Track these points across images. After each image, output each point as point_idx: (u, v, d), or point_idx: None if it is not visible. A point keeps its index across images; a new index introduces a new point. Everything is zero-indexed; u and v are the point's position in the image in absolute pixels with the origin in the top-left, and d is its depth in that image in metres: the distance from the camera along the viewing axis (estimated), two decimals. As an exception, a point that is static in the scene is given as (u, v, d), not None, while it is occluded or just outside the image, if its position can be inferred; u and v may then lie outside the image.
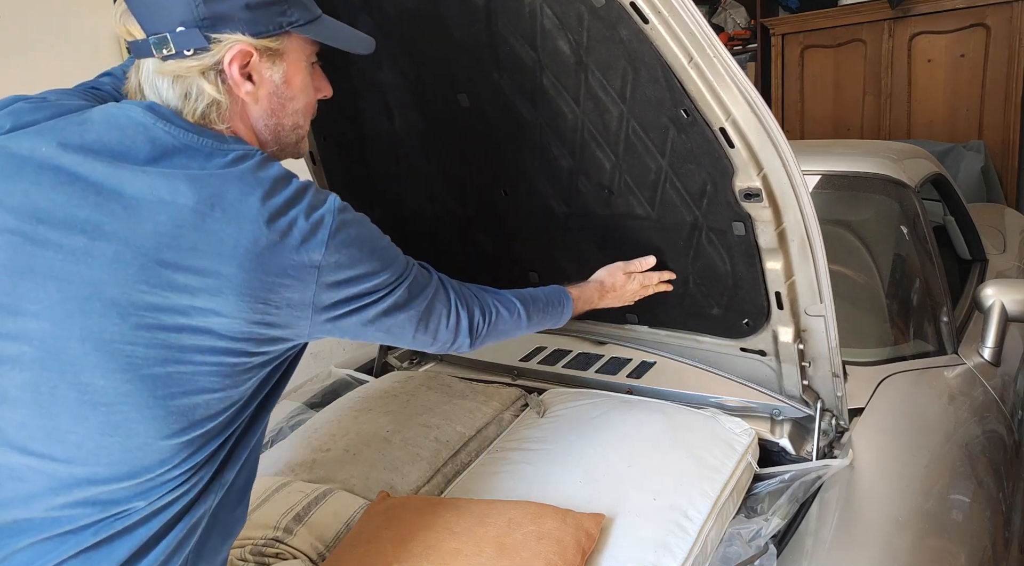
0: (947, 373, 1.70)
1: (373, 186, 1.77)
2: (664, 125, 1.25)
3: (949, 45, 3.83)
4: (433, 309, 1.05)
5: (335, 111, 1.65)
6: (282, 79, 0.96)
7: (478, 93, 1.43)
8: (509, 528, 1.21)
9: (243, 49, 0.90)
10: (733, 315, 1.47)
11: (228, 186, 0.86)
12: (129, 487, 0.87)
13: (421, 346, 1.09)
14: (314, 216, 0.89)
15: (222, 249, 0.83)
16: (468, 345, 1.13)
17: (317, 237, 0.88)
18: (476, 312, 1.13)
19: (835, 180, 2.03)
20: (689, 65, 1.12)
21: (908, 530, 1.26)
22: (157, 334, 0.84)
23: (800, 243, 1.25)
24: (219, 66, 0.90)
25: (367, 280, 0.94)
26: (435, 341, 1.08)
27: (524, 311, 1.22)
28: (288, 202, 0.88)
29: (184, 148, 0.88)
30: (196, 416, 0.88)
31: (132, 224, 0.83)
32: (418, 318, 1.03)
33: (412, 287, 1.01)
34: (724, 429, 1.47)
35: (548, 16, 1.23)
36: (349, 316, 0.94)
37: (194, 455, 0.90)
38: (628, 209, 1.44)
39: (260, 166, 0.90)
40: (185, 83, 0.91)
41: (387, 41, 1.44)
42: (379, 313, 0.97)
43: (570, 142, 1.40)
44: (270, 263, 0.85)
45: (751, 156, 1.18)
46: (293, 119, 1.00)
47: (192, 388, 0.86)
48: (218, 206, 0.84)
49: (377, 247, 0.97)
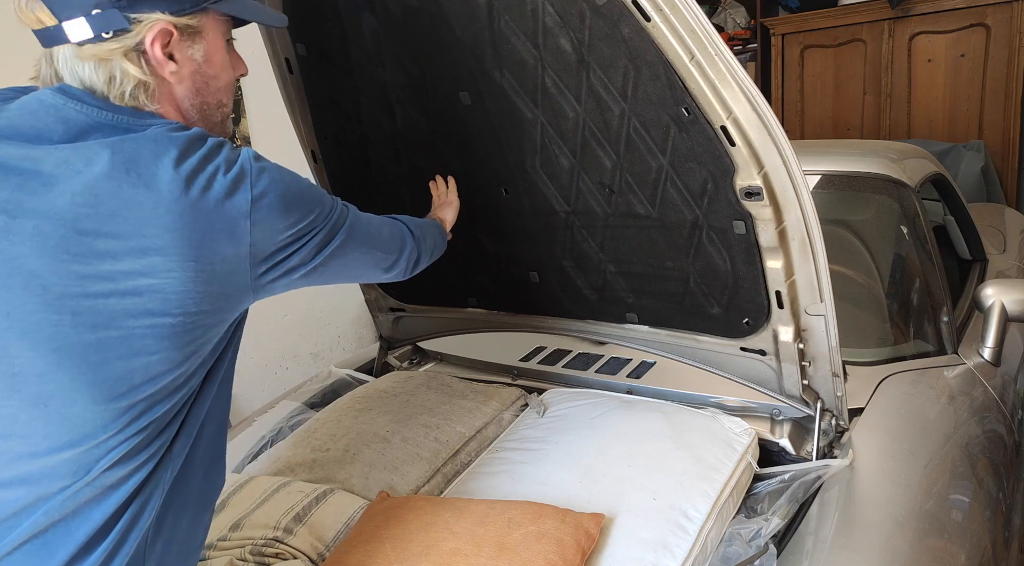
0: (947, 373, 1.70)
1: (374, 185, 1.77)
2: (665, 123, 1.25)
3: (949, 45, 3.83)
4: (371, 229, 1.11)
5: (337, 110, 1.65)
6: (203, 57, 0.96)
7: (480, 91, 1.44)
8: (509, 528, 1.21)
9: (163, 27, 0.89)
10: (733, 314, 1.47)
11: (142, 149, 0.86)
12: (71, 457, 0.86)
13: (383, 270, 1.17)
14: (233, 169, 0.89)
15: (141, 212, 0.83)
16: (412, 251, 1.23)
17: (241, 188, 0.88)
18: (400, 222, 1.23)
19: (835, 180, 2.03)
20: (691, 63, 1.12)
21: (908, 530, 1.26)
22: (83, 302, 0.83)
23: (801, 242, 1.25)
24: (141, 47, 0.89)
25: (299, 220, 0.95)
26: (388, 256, 1.16)
27: (409, 224, 1.28)
28: (204, 158, 0.88)
29: (98, 126, 0.88)
30: (135, 380, 0.86)
31: (50, 198, 0.83)
32: (364, 241, 1.08)
33: (342, 217, 1.04)
34: (724, 429, 1.46)
35: (550, 14, 1.23)
36: (290, 261, 0.95)
37: (137, 420, 0.88)
38: (629, 208, 1.44)
39: (174, 129, 0.90)
40: (109, 67, 0.89)
41: (389, 39, 1.44)
42: (318, 247, 0.99)
43: (571, 140, 1.40)
44: (196, 221, 0.85)
45: (752, 154, 1.18)
46: (216, 97, 1.00)
47: (126, 351, 0.85)
48: (132, 170, 0.84)
49: (301, 188, 0.96)
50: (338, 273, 1.07)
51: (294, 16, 1.50)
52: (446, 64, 1.43)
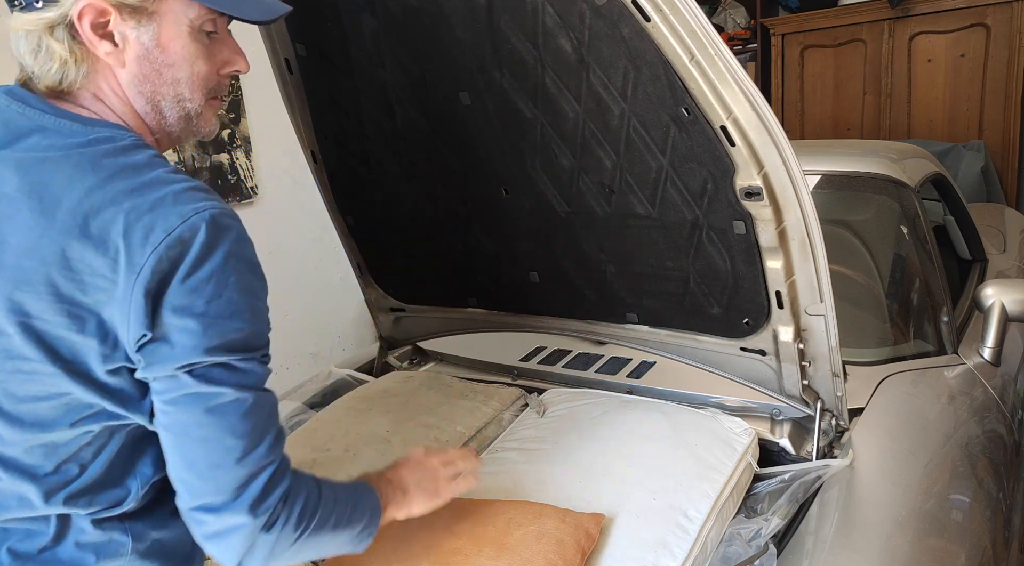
0: (947, 373, 1.70)
1: (374, 185, 1.77)
2: (665, 123, 1.25)
3: (949, 45, 3.83)
4: (239, 412, 0.81)
5: (337, 110, 1.65)
6: (153, 42, 0.85)
7: (480, 91, 1.44)
8: (509, 528, 1.21)
9: (94, 3, 0.80)
10: (733, 314, 1.47)
11: (59, 171, 0.78)
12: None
13: (198, 467, 0.82)
14: (155, 213, 0.76)
15: (27, 240, 0.76)
16: (251, 531, 0.82)
17: (148, 242, 0.75)
18: (284, 483, 0.85)
19: (835, 180, 2.03)
20: (690, 63, 1.12)
21: (908, 530, 1.26)
22: None
23: (801, 242, 1.25)
24: (67, 21, 0.81)
25: (190, 318, 0.77)
26: (241, 464, 0.81)
27: (328, 493, 0.92)
28: (125, 194, 0.77)
29: (39, 129, 0.81)
30: (25, 421, 0.82)
31: None
32: (222, 406, 0.80)
33: (245, 374, 0.81)
34: (724, 429, 1.46)
35: (550, 14, 1.23)
36: (161, 345, 0.77)
37: (41, 466, 0.84)
38: (629, 208, 1.44)
39: (115, 151, 0.80)
40: (33, 38, 0.82)
41: (389, 39, 1.44)
42: (186, 367, 0.78)
43: (571, 141, 1.40)
44: (78, 261, 0.76)
45: (752, 154, 1.18)
46: (175, 89, 0.88)
47: (11, 397, 0.81)
48: (36, 192, 0.77)
49: (213, 313, 0.78)
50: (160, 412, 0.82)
51: (293, 16, 1.50)
52: (446, 64, 1.43)
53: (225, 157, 2.77)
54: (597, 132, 1.35)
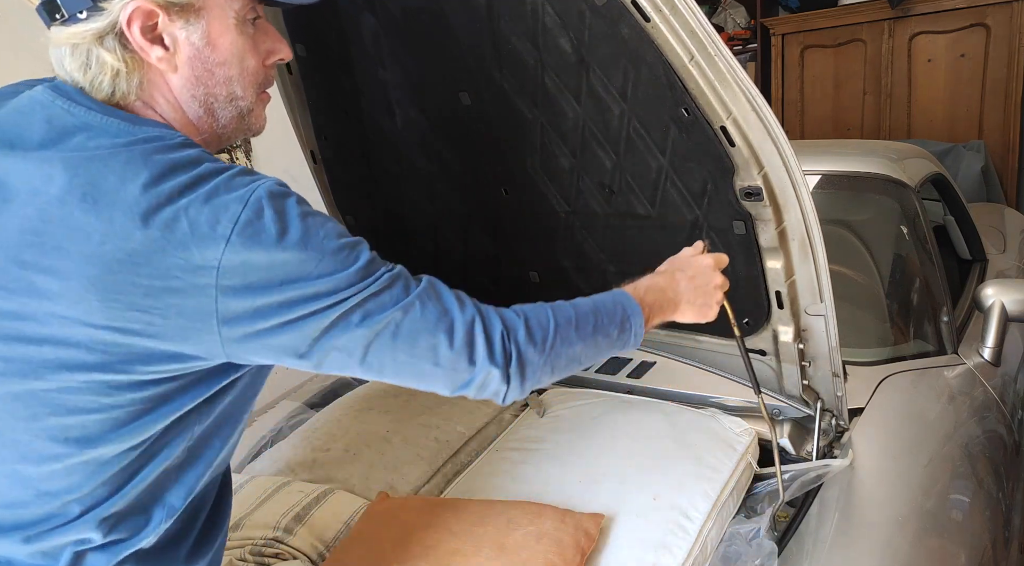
0: (947, 373, 1.69)
1: (374, 185, 1.77)
2: (665, 123, 1.24)
3: (949, 45, 3.83)
4: (415, 323, 0.80)
5: (337, 110, 1.65)
6: (203, 41, 0.81)
7: (479, 91, 1.43)
8: (508, 528, 1.21)
9: (142, 6, 0.76)
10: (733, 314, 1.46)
11: (108, 171, 0.72)
12: (4, 519, 0.77)
13: (426, 381, 0.84)
14: (214, 203, 0.72)
15: (87, 247, 0.70)
16: (502, 378, 0.84)
17: (216, 231, 0.71)
18: (495, 325, 0.85)
19: (835, 180, 2.03)
20: (690, 63, 1.12)
21: (908, 530, 1.26)
22: (15, 346, 0.73)
23: (801, 242, 1.25)
24: (117, 29, 0.76)
25: (295, 286, 0.73)
26: (438, 368, 0.82)
27: (562, 318, 0.92)
28: (182, 189, 0.72)
29: (85, 127, 0.75)
30: (70, 437, 0.75)
31: (4, 220, 0.73)
32: (391, 336, 0.78)
33: (376, 296, 0.78)
34: (724, 429, 1.46)
35: (549, 14, 1.23)
36: (275, 333, 0.74)
37: (77, 485, 0.76)
38: (629, 208, 1.44)
39: (164, 149, 0.75)
40: (82, 52, 0.78)
41: (389, 39, 1.44)
42: (322, 330, 0.75)
43: (571, 141, 1.40)
44: (147, 263, 0.70)
45: (752, 154, 1.18)
46: (228, 88, 0.84)
47: (60, 407, 0.74)
48: (89, 195, 0.71)
49: (314, 243, 0.75)
50: (357, 371, 0.81)
51: (293, 16, 1.50)
52: (446, 64, 1.43)
53: (225, 156, 2.76)
54: (597, 132, 1.35)
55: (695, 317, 1.10)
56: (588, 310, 0.95)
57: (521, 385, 0.87)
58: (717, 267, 1.10)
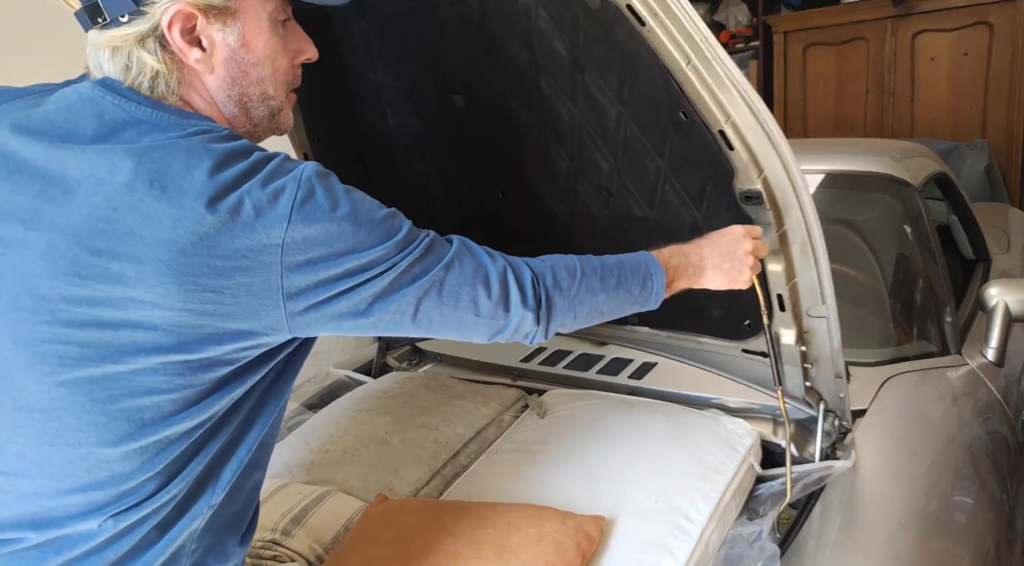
0: (950, 374, 1.69)
1: (369, 186, 1.75)
2: (663, 126, 1.23)
3: (952, 43, 3.82)
4: (456, 279, 0.87)
5: (328, 111, 1.64)
6: (239, 42, 0.84)
7: (474, 94, 1.42)
8: (508, 530, 1.20)
9: (182, 9, 0.79)
10: (735, 316, 1.46)
11: (172, 159, 0.76)
12: (79, 503, 0.79)
13: (468, 331, 0.91)
14: (272, 186, 0.77)
15: (160, 231, 0.73)
16: (533, 321, 0.92)
17: (277, 211, 0.76)
18: (525, 273, 0.92)
19: (838, 179, 2.02)
20: (687, 67, 1.10)
21: (911, 531, 1.25)
22: (92, 332, 0.75)
23: (802, 245, 1.24)
24: (158, 31, 0.80)
25: (351, 257, 0.80)
26: (480, 318, 0.89)
27: (588, 268, 0.99)
28: (243, 175, 0.77)
29: (136, 121, 0.79)
30: (144, 418, 0.78)
31: (68, 210, 0.75)
32: (438, 293, 0.85)
33: (421, 260, 0.85)
34: (726, 430, 1.46)
35: (543, 17, 1.21)
36: (335, 302, 0.80)
37: (149, 463, 0.80)
38: (627, 210, 1.43)
39: (218, 139, 0.79)
40: (123, 54, 0.81)
41: (380, 42, 1.43)
42: (376, 295, 0.82)
43: (568, 143, 1.39)
44: (217, 245, 0.74)
45: (751, 158, 1.17)
46: (260, 88, 0.89)
47: (136, 389, 0.77)
48: (157, 182, 0.74)
49: (363, 216, 0.82)
50: (408, 329, 0.87)
51: None
52: (438, 67, 1.41)
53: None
54: (594, 134, 1.34)
55: (724, 282, 1.13)
56: (613, 264, 1.02)
57: (547, 328, 0.95)
58: (748, 235, 1.14)
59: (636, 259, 1.05)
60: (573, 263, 0.98)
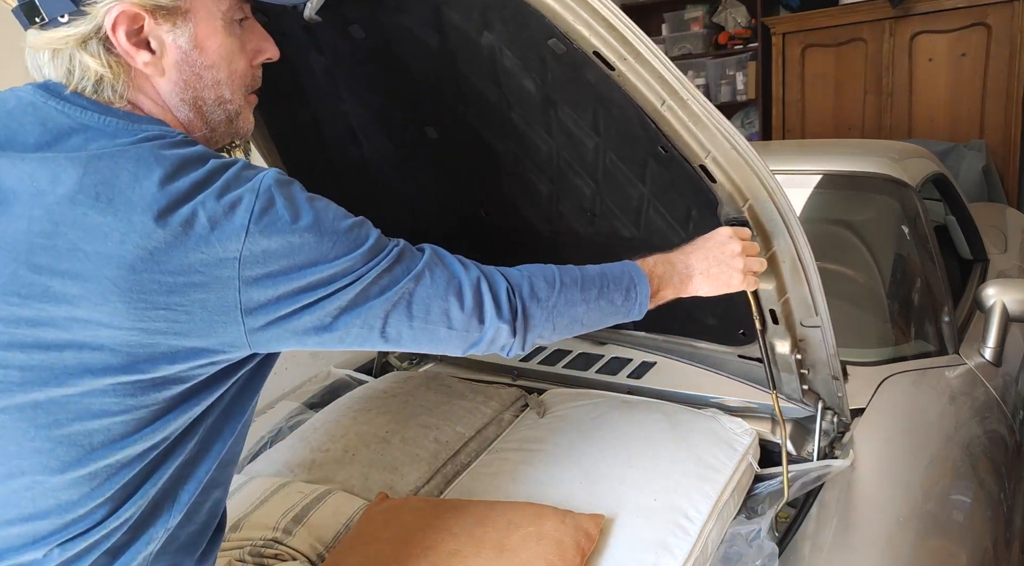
0: (948, 373, 1.69)
1: (348, 204, 1.71)
2: (642, 158, 1.20)
3: (950, 44, 3.83)
4: (427, 291, 0.82)
5: (300, 139, 1.55)
6: (191, 44, 0.79)
7: (445, 126, 1.37)
8: (508, 529, 1.20)
9: (127, 10, 0.74)
10: (729, 325, 1.45)
11: (120, 169, 0.70)
12: (21, 534, 0.74)
13: (441, 344, 0.86)
14: (228, 197, 0.71)
15: (105, 247, 0.68)
16: (509, 332, 0.88)
17: (233, 223, 0.71)
18: (500, 283, 0.88)
19: (836, 180, 2.02)
20: (662, 108, 1.05)
21: (909, 530, 1.26)
22: (34, 354, 0.71)
23: (792, 264, 1.22)
24: (101, 33, 0.74)
25: (314, 270, 0.75)
26: (452, 331, 0.85)
27: (568, 278, 0.95)
28: (197, 185, 0.71)
29: (82, 128, 0.74)
30: (94, 443, 0.74)
31: (5, 224, 0.70)
32: (407, 306, 0.81)
33: (390, 270, 0.80)
34: (725, 429, 1.46)
35: (508, 57, 1.16)
36: (297, 316, 0.75)
37: (99, 490, 0.75)
38: (613, 230, 1.40)
39: (171, 145, 0.74)
40: (64, 58, 0.75)
41: (343, 74, 1.35)
42: (342, 308, 0.77)
43: (547, 169, 1.35)
44: (169, 260, 0.69)
45: (735, 189, 1.13)
46: (216, 91, 0.83)
47: (84, 412, 0.72)
48: (103, 195, 0.69)
49: (327, 226, 0.76)
50: (377, 343, 0.82)
51: None
52: (406, 100, 1.35)
53: (225, 156, 2.75)
54: (573, 163, 1.30)
55: (715, 288, 1.08)
56: (595, 274, 0.98)
57: (524, 339, 0.91)
58: (735, 236, 1.09)
59: (619, 269, 1.01)
60: (552, 273, 0.94)
